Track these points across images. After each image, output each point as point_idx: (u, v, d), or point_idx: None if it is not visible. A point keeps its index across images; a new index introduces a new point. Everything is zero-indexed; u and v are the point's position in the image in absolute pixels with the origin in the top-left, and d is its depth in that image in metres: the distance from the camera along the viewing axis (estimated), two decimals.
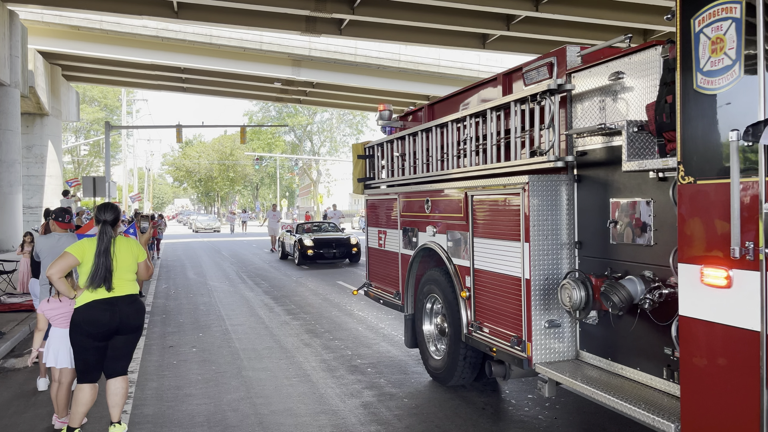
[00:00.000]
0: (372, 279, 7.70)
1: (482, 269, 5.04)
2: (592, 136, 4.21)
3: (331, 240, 18.55)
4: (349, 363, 7.00)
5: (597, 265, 4.25)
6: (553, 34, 20.07)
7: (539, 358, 4.42)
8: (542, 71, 4.65)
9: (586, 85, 4.34)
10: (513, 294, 4.59)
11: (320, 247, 18.00)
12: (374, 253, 7.63)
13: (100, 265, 4.48)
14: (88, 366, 4.57)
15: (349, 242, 18.40)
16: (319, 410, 5.41)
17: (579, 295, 4.06)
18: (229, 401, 5.69)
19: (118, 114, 54.58)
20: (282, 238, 20.88)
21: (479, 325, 5.10)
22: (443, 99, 6.67)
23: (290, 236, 19.57)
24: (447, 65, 27.76)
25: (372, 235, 7.67)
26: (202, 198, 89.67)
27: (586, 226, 4.38)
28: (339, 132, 66.00)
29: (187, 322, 9.68)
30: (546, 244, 4.43)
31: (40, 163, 24.49)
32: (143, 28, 23.33)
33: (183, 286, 14.04)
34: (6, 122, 17.75)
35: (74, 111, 29.52)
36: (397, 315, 9.56)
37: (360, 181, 8.14)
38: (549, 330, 4.43)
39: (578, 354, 4.47)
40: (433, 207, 5.92)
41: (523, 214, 4.44)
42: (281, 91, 31.87)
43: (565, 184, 4.49)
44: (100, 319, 4.48)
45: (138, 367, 6.88)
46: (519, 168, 4.70)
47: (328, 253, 18.02)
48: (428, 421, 5.11)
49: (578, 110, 4.42)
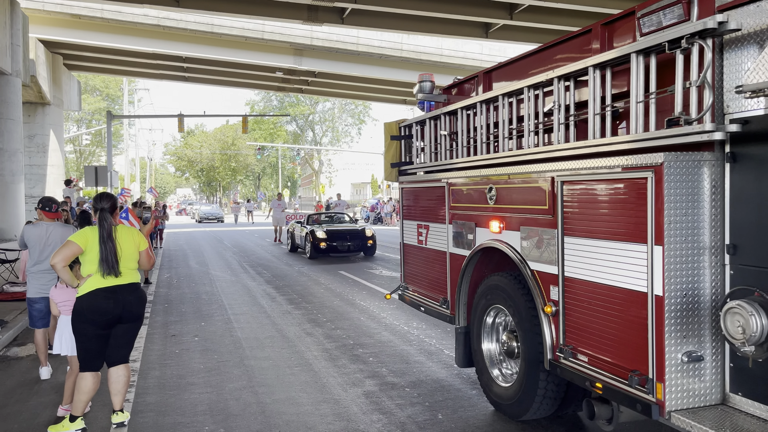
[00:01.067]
0: (409, 281, 6.44)
1: (578, 278, 3.89)
2: (758, 97, 3.05)
3: (346, 232, 17.25)
4: (351, 352, 7.01)
5: (759, 277, 3.11)
6: (558, 23, 19.95)
7: (676, 403, 3.28)
8: (675, 11, 3.42)
9: (754, 24, 3.11)
10: (633, 314, 3.46)
11: (334, 239, 16.78)
12: (412, 251, 6.36)
13: (108, 251, 4.52)
14: (90, 354, 4.60)
15: (364, 234, 17.19)
16: (321, 399, 5.43)
17: (760, 324, 2.92)
18: (231, 390, 5.71)
19: (119, 103, 54.49)
20: (292, 230, 19.67)
21: (572, 350, 3.96)
22: (504, 64, 5.44)
23: (300, 228, 18.37)
24: (449, 54, 27.64)
25: (409, 229, 6.44)
26: (204, 188, 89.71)
27: (744, 224, 3.22)
28: (341, 122, 65.89)
29: (189, 311, 9.70)
30: (686, 247, 3.30)
31: (42, 153, 24.47)
32: (144, 16, 23.22)
33: (185, 276, 14.06)
34: (7, 111, 17.71)
35: (76, 100, 29.45)
36: (399, 305, 9.57)
37: (394, 167, 6.81)
38: (688, 365, 3.30)
39: (726, 398, 3.35)
40: (500, 197, 4.75)
41: (652, 205, 3.30)
42: (283, 81, 31.77)
43: (714, 166, 3.32)
44: (103, 308, 4.51)
45: (140, 356, 6.90)
46: (646, 143, 3.47)
47: (342, 246, 16.82)
48: (430, 411, 5.12)
49: (742, 61, 3.18)
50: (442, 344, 7.31)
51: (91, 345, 4.58)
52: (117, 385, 4.72)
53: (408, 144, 6.71)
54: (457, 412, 5.09)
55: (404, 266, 6.58)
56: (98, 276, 4.54)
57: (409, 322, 8.54)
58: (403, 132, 6.73)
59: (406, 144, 6.75)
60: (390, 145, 6.94)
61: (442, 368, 6.34)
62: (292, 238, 19.44)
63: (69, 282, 4.61)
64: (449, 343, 7.30)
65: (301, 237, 18.08)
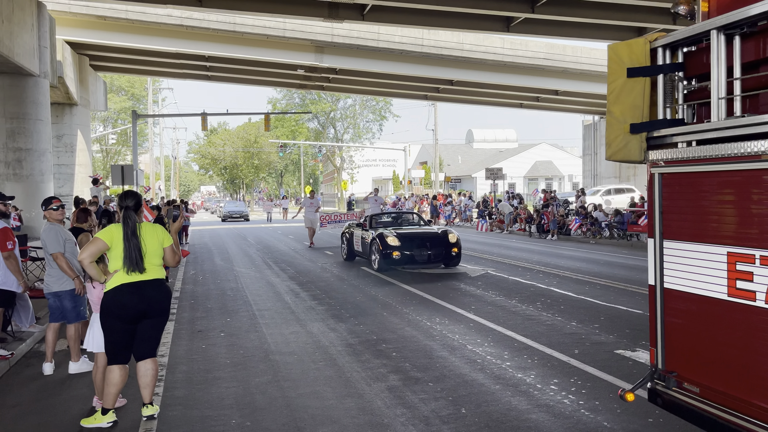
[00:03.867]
0: (688, 370, 3.47)
1: None
2: None
3: (424, 237, 13.58)
4: (375, 347, 7.06)
5: None
6: (581, 16, 19.74)
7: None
8: None
9: None
10: None
11: (410, 246, 13.07)
12: (704, 309, 3.34)
13: (132, 247, 4.64)
14: (116, 348, 4.76)
15: (446, 240, 13.46)
16: (345, 393, 5.49)
17: None
18: (257, 384, 5.80)
19: (144, 103, 55.28)
20: (348, 234, 15.91)
21: None
22: None
23: (362, 232, 14.77)
24: (470, 49, 27.50)
25: (690, 261, 3.44)
26: (228, 185, 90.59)
27: None
28: (362, 118, 65.96)
29: (214, 307, 9.85)
30: None
31: (69, 152, 24.96)
32: (168, 17, 23.52)
33: (210, 272, 14.25)
34: (36, 112, 18.11)
35: (102, 100, 29.96)
36: (421, 300, 9.58)
37: (639, 130, 3.63)
38: None
39: None
40: None
41: None
42: (304, 78, 31.92)
43: None
44: (127, 303, 4.65)
45: (168, 351, 7.03)
46: None
47: (420, 256, 13.10)
48: (453, 405, 5.14)
49: None
50: (465, 339, 7.32)
51: (117, 339, 4.74)
52: (145, 378, 4.84)
53: (672, 86, 3.58)
54: (480, 406, 5.11)
55: (671, 337, 3.60)
56: (123, 272, 4.67)
57: (432, 318, 8.56)
58: (664, 58, 3.55)
59: (667, 86, 3.57)
60: (625, 87, 3.67)
61: (465, 363, 6.36)
62: (348, 245, 15.74)
63: (96, 278, 4.75)
64: (472, 338, 7.32)
65: (364, 243, 14.41)
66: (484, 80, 29.82)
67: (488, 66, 28.73)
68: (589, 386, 5.54)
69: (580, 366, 6.15)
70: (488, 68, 28.93)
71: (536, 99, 34.86)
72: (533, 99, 34.95)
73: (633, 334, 7.39)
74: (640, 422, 4.68)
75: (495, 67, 28.76)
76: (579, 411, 4.95)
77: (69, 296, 6.17)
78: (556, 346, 6.92)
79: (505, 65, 28.58)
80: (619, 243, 19.50)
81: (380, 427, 4.72)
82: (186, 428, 4.77)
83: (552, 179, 63.11)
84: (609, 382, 5.63)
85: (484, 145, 79.12)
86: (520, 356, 6.57)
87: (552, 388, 5.53)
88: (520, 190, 54.98)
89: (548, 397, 5.31)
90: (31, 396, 5.66)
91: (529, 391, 5.48)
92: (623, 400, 3.77)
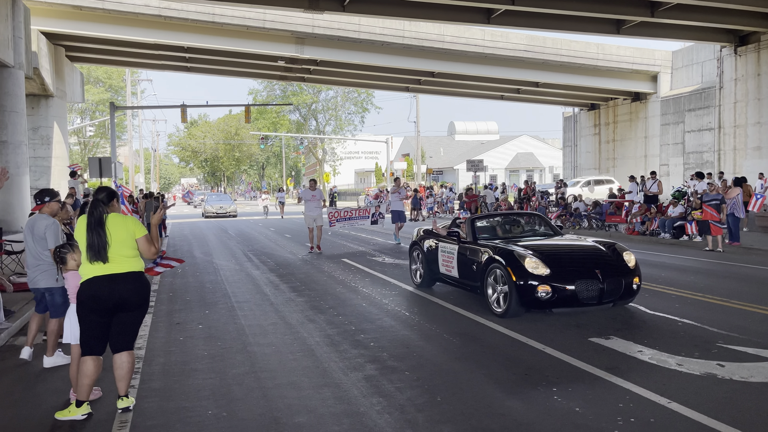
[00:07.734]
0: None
1: None
2: None
3: (586, 256, 8.03)
4: (353, 338, 7.10)
5: None
6: (560, 8, 19.85)
7: None
8: None
9: None
10: None
11: (567, 275, 7.47)
12: None
13: (94, 236, 4.66)
14: (90, 339, 4.76)
15: (622, 263, 7.90)
16: (323, 383, 5.52)
17: None
18: (234, 375, 5.81)
19: (122, 94, 54.57)
20: (429, 247, 9.78)
21: None
22: None
23: (458, 245, 8.95)
24: (451, 41, 27.55)
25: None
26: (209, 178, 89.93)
27: None
28: (344, 110, 65.80)
29: (193, 299, 9.81)
30: None
31: (46, 145, 24.60)
32: (145, 6, 23.24)
33: (190, 265, 14.17)
34: (11, 104, 17.81)
35: (79, 92, 29.53)
36: (400, 291, 9.62)
37: None
38: None
39: None
40: None
41: None
42: (285, 70, 31.74)
43: None
44: (100, 295, 4.66)
45: (145, 343, 7.01)
46: None
47: (587, 292, 7.39)
48: (429, 393, 5.20)
49: None
50: (442, 329, 7.39)
51: (91, 330, 4.74)
52: (121, 371, 4.83)
53: None
54: (455, 394, 5.17)
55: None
56: (87, 262, 4.68)
57: (411, 308, 8.62)
58: None
59: None
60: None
61: (441, 352, 6.42)
62: (428, 263, 9.84)
63: (73, 268, 4.79)
64: (449, 328, 7.39)
65: (466, 263, 8.64)
66: (465, 72, 29.90)
67: (469, 58, 28.81)
68: (563, 376, 5.62)
69: (554, 354, 6.24)
70: (469, 60, 29.01)
71: (517, 91, 35.04)
72: (514, 91, 35.13)
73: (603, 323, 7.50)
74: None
75: (476, 58, 28.84)
76: (552, 398, 5.03)
77: (60, 292, 6.12)
78: (528, 332, 7.01)
79: (486, 57, 28.67)
80: (597, 233, 19.72)
81: (356, 415, 4.76)
82: (162, 419, 4.76)
83: (533, 171, 63.55)
84: (581, 369, 5.73)
85: (466, 137, 79.39)
86: (497, 345, 6.65)
87: (527, 377, 5.61)
88: (501, 181, 55.36)
89: (523, 385, 5.39)
90: (5, 389, 5.61)
91: (504, 379, 5.56)
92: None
